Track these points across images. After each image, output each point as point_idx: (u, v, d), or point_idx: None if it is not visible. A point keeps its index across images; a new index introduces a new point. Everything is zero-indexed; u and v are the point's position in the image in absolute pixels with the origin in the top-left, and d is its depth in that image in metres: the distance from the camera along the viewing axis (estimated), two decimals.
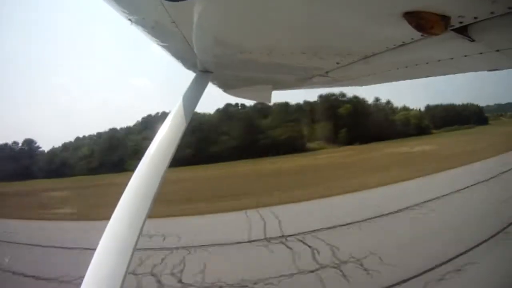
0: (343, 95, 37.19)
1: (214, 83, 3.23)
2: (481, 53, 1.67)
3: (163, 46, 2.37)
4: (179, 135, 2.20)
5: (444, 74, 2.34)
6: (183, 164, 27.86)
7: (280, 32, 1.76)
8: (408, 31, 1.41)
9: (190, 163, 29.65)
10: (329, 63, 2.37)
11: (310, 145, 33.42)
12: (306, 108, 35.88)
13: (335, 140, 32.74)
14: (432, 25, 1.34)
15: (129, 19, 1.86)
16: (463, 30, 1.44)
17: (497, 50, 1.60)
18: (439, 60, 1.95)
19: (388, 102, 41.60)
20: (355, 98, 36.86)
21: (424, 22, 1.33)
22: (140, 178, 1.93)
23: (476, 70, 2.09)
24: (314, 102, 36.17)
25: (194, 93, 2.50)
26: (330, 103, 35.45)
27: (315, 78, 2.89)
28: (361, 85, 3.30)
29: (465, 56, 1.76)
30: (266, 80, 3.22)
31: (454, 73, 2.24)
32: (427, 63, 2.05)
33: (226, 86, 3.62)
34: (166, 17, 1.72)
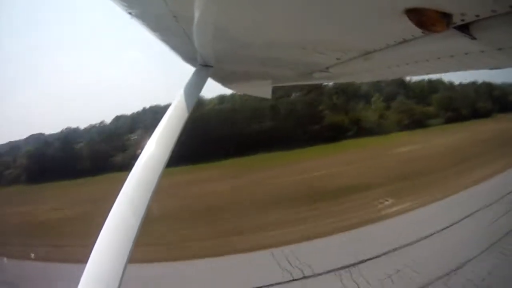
0: None
1: (213, 78, 3.18)
2: (482, 51, 1.67)
3: (163, 40, 2.38)
4: (179, 129, 2.21)
5: (444, 72, 2.34)
6: None
7: (280, 26, 1.77)
8: (409, 28, 1.42)
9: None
10: (329, 59, 2.39)
11: None
12: None
13: None
14: (434, 23, 1.35)
15: (129, 13, 1.84)
16: (464, 28, 1.45)
17: (499, 49, 1.59)
18: (439, 58, 1.96)
19: None
20: None
21: (426, 19, 1.35)
22: (139, 173, 1.94)
23: (477, 69, 2.08)
24: None
25: (194, 87, 2.52)
26: None
27: (315, 74, 2.89)
28: (361, 80, 3.43)
29: (466, 54, 1.76)
30: (266, 74, 3.22)
31: (455, 70, 2.22)
32: (427, 60, 2.06)
33: (226, 80, 3.58)
34: (166, 11, 1.73)
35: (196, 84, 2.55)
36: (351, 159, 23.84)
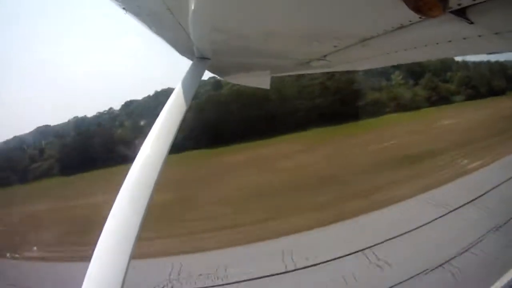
0: None
1: (211, 70, 3.20)
2: (480, 36, 1.62)
3: (159, 34, 2.39)
4: (178, 121, 2.22)
5: (444, 56, 2.34)
6: None
7: (276, 15, 1.74)
8: (406, 13, 1.37)
9: None
10: (327, 47, 2.32)
11: None
12: None
13: None
14: (430, 7, 1.28)
15: (123, 8, 1.85)
16: (461, 13, 1.40)
17: (496, 33, 1.54)
18: (437, 43, 1.90)
19: None
20: None
21: (422, 4, 1.28)
22: (140, 166, 1.95)
23: (475, 53, 2.04)
24: None
25: (192, 80, 2.50)
26: None
27: (313, 62, 2.82)
28: (360, 68, 3.27)
29: (464, 38, 1.70)
30: (264, 65, 3.18)
31: (454, 55, 2.24)
32: (426, 45, 1.99)
33: (224, 72, 3.59)
34: (160, 4, 1.71)
35: (193, 77, 2.53)
36: (408, 130, 25.31)
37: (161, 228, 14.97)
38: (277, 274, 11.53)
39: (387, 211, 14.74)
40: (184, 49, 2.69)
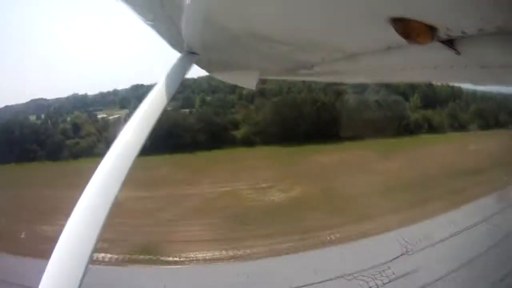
0: None
1: (199, 65, 3.17)
2: (466, 67, 1.62)
3: (149, 25, 2.35)
4: (157, 114, 2.17)
5: (430, 81, 2.30)
6: None
7: (267, 20, 1.71)
8: (393, 37, 1.36)
9: None
10: (314, 57, 2.31)
11: None
12: None
13: None
14: (418, 34, 1.29)
15: None
16: (450, 42, 1.38)
17: (483, 67, 1.54)
18: (424, 68, 1.89)
19: None
20: None
21: (411, 30, 1.29)
22: (114, 156, 1.92)
23: (461, 82, 2.05)
24: None
25: (177, 73, 2.46)
26: None
27: (300, 71, 2.81)
28: (348, 81, 3.21)
29: (451, 66, 1.70)
30: (252, 67, 3.14)
31: (440, 81, 2.22)
32: (413, 68, 1.98)
33: (211, 68, 3.54)
34: None
35: (179, 70, 2.49)
36: (448, 151, 27.94)
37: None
38: None
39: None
40: (173, 41, 2.66)
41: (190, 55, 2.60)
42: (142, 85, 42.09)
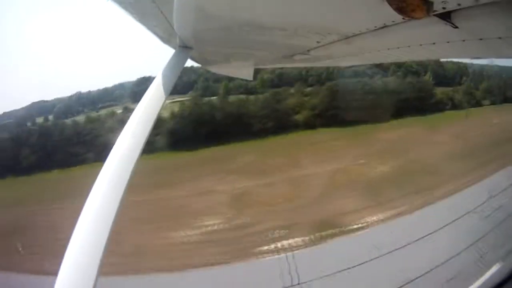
0: None
1: (193, 59, 3.13)
2: (463, 41, 1.59)
3: (141, 22, 2.34)
4: (158, 108, 2.21)
5: (427, 59, 2.28)
6: None
7: (260, 8, 1.69)
8: (389, 14, 1.34)
9: None
10: (310, 41, 2.28)
11: None
12: None
13: None
14: (414, 8, 1.26)
15: None
16: (446, 16, 1.35)
17: (480, 39, 1.52)
18: (421, 45, 1.86)
19: None
20: None
21: (406, 5, 1.26)
22: (120, 150, 1.97)
23: (458, 57, 2.02)
24: None
25: (173, 68, 2.47)
26: None
27: (296, 56, 2.78)
28: (344, 64, 3.20)
29: (448, 42, 1.68)
30: (247, 56, 3.11)
31: (437, 58, 2.19)
32: (409, 46, 1.96)
33: (207, 62, 3.52)
34: None
35: (175, 65, 2.50)
36: (477, 124, 29.07)
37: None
38: None
39: None
40: (166, 38, 2.66)
41: (185, 49, 2.60)
42: (149, 77, 39.54)
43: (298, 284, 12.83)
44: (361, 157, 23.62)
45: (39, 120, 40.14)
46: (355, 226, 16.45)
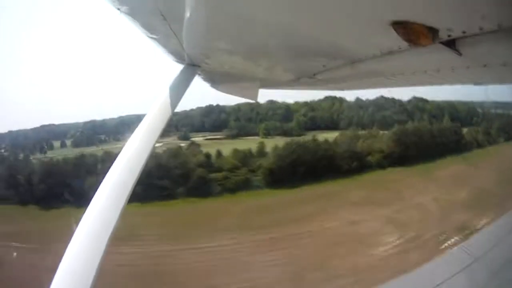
0: None
1: (201, 77, 3.20)
2: (468, 67, 1.64)
3: (151, 38, 2.38)
4: (162, 126, 2.24)
5: (431, 85, 2.33)
6: None
7: (268, 32, 1.74)
8: (395, 40, 1.39)
9: None
10: (316, 66, 2.33)
11: None
12: None
13: None
14: (420, 36, 1.31)
15: (118, 9, 1.85)
16: (451, 43, 1.39)
17: (484, 65, 1.56)
18: (425, 71, 1.91)
19: None
20: None
21: (412, 33, 1.31)
22: (122, 164, 1.97)
23: (462, 83, 2.06)
24: None
25: (180, 85, 2.52)
26: None
27: (302, 79, 2.83)
28: (349, 89, 3.29)
29: (452, 68, 1.73)
30: (253, 78, 3.18)
31: (441, 84, 2.20)
32: (414, 73, 2.01)
33: (213, 81, 3.58)
34: (155, 9, 1.73)
35: (182, 82, 2.54)
36: (506, 158, 31.99)
37: None
38: None
39: None
40: (175, 54, 2.70)
41: (192, 67, 2.66)
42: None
43: None
44: (440, 189, 26.55)
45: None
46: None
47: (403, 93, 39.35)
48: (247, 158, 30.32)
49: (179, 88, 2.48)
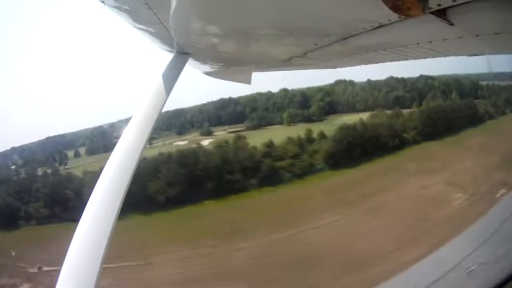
0: None
1: (192, 65, 3.14)
2: (460, 38, 1.58)
3: (137, 28, 2.33)
4: (155, 115, 2.23)
5: (424, 58, 2.21)
6: None
7: (255, 11, 1.68)
8: (384, 12, 1.32)
9: None
10: (307, 44, 2.25)
11: None
12: None
13: None
14: (409, 7, 1.24)
15: (102, 1, 1.80)
16: (442, 13, 1.33)
17: (477, 35, 1.51)
18: (418, 43, 1.84)
19: None
20: None
21: (401, 3, 1.24)
22: (121, 153, 2.02)
23: (456, 55, 1.99)
24: None
25: (171, 74, 2.48)
26: None
27: (294, 60, 2.74)
28: (341, 66, 3.07)
29: (445, 40, 1.66)
30: (245, 61, 3.10)
31: (434, 56, 2.10)
32: (406, 46, 1.94)
33: (205, 67, 3.52)
34: None
35: (173, 71, 2.50)
36: None
37: None
38: None
39: None
40: (163, 44, 2.64)
41: (182, 55, 2.60)
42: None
43: None
44: (474, 156, 27.39)
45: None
46: None
47: (408, 71, 39.04)
48: (302, 145, 31.47)
49: (171, 76, 2.45)
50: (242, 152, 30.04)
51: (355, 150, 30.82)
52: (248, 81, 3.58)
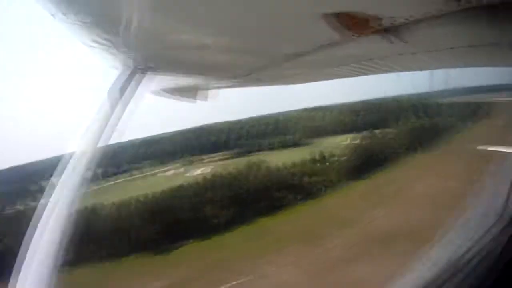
0: None
1: (140, 83, 2.91)
2: (413, 54, 1.64)
3: (88, 46, 2.13)
4: (101, 130, 2.14)
5: (377, 74, 2.28)
6: None
7: (205, 28, 1.61)
8: (333, 32, 1.33)
9: None
10: (255, 63, 2.21)
11: None
12: None
13: None
14: (362, 25, 1.25)
15: (52, 15, 1.67)
16: (395, 31, 1.34)
17: (427, 51, 1.59)
18: (371, 59, 1.87)
19: None
20: None
21: (354, 22, 1.25)
22: (68, 175, 1.98)
23: (408, 70, 2.08)
24: None
25: (120, 90, 2.31)
26: None
27: (242, 78, 2.68)
28: (295, 83, 3.20)
29: (400, 54, 1.70)
30: (192, 78, 2.98)
31: (388, 72, 2.17)
32: (359, 62, 1.98)
33: (154, 85, 3.29)
34: (88, 13, 1.58)
35: (121, 87, 2.37)
36: None
37: None
38: None
39: None
40: (112, 59, 2.41)
41: (132, 73, 2.40)
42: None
43: None
44: (463, 160, 25.56)
45: None
46: None
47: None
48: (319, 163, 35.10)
49: (118, 93, 2.31)
50: (278, 173, 32.10)
51: (370, 161, 33.77)
52: (193, 98, 3.45)
